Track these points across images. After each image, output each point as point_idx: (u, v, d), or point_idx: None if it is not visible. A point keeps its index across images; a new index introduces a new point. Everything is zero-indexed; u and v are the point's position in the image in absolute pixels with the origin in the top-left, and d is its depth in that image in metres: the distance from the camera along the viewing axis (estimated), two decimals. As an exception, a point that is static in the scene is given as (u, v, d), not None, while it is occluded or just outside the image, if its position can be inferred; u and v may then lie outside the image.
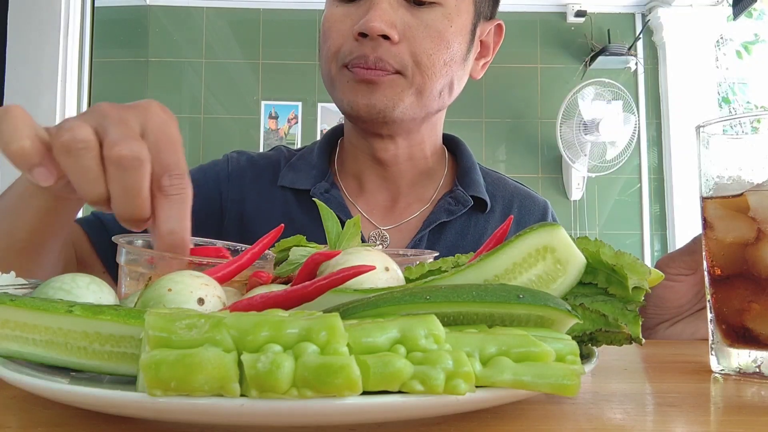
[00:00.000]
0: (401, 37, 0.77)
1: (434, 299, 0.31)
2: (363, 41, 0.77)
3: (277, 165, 0.92)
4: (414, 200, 0.89)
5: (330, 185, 0.88)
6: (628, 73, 3.04)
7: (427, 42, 0.78)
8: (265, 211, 0.87)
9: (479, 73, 0.91)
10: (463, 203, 0.87)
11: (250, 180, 0.91)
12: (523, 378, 0.27)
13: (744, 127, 0.46)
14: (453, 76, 0.83)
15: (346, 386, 0.24)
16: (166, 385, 0.23)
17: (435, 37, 0.79)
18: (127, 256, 0.46)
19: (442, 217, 0.85)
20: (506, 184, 0.96)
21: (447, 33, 0.79)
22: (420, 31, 0.78)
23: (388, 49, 0.77)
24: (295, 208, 0.87)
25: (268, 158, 0.95)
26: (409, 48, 0.78)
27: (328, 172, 0.90)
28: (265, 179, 0.91)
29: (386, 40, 0.76)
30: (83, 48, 2.37)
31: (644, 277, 0.37)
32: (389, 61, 0.77)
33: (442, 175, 0.93)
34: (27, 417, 0.30)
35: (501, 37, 0.91)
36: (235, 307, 0.33)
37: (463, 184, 0.89)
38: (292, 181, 0.88)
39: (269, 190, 0.89)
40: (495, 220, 0.90)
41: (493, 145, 3.03)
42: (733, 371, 0.44)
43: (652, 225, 3.03)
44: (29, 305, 0.30)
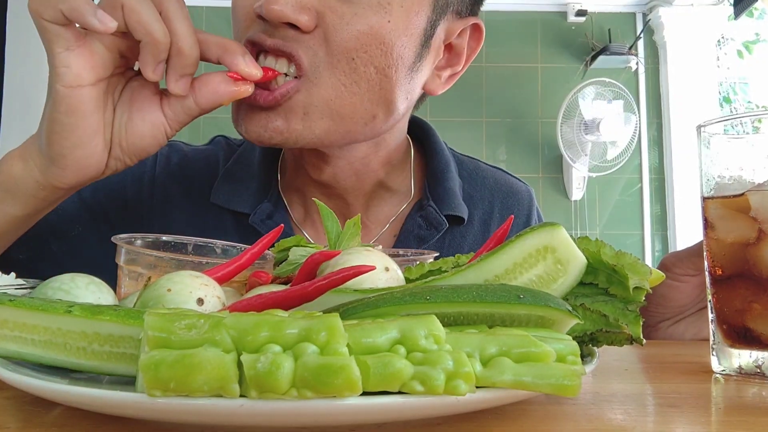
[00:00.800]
0: (317, 23, 0.57)
1: (434, 299, 0.31)
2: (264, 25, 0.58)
3: (215, 166, 0.76)
4: (372, 222, 0.75)
5: (273, 206, 0.72)
6: (629, 72, 3.04)
7: (352, 39, 0.57)
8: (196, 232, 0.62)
9: (440, 87, 0.69)
10: (437, 226, 0.72)
11: (181, 187, 0.75)
12: (524, 378, 0.27)
13: (745, 127, 0.46)
14: (393, 92, 0.61)
15: (346, 387, 0.23)
16: (166, 386, 0.23)
17: (364, 34, 0.57)
18: (126, 256, 0.46)
19: (411, 244, 0.71)
20: (485, 179, 0.81)
21: (382, 30, 0.58)
22: (344, 21, 0.57)
23: (296, 38, 0.57)
24: (232, 233, 0.71)
25: (205, 156, 0.78)
26: (326, 42, 0.57)
27: (272, 185, 0.73)
28: (198, 187, 0.74)
29: (294, 29, 0.57)
30: (83, 48, 2.37)
31: (645, 278, 0.37)
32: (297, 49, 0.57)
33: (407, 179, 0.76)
34: (26, 417, 0.30)
35: (479, 42, 0.69)
36: (234, 308, 0.33)
37: (436, 196, 0.74)
38: (228, 200, 0.72)
39: (202, 204, 0.73)
40: (474, 232, 0.76)
41: (493, 145, 3.02)
42: (734, 372, 0.44)
43: (653, 225, 3.03)
44: (28, 305, 0.30)
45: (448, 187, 0.75)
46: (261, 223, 0.70)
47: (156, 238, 0.50)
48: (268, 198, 0.73)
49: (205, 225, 0.73)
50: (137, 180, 0.75)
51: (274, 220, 0.71)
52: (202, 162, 0.78)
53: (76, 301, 0.32)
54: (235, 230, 0.72)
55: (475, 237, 0.77)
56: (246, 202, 0.72)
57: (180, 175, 0.76)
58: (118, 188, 0.74)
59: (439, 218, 0.73)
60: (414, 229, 0.73)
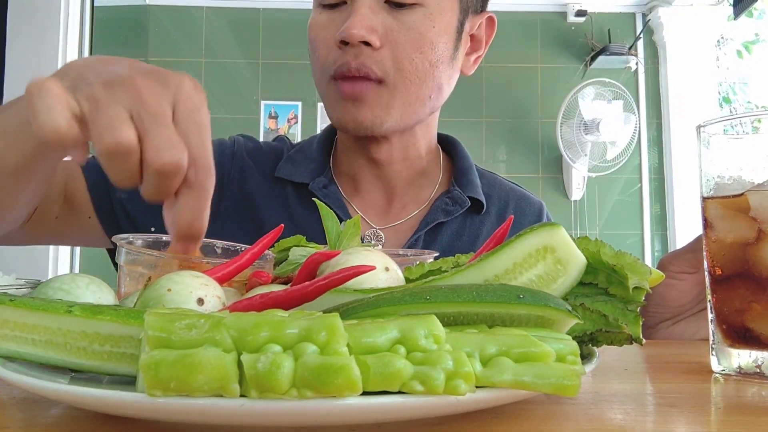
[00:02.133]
0: (383, 42, 0.76)
1: (434, 299, 0.31)
2: (345, 49, 0.76)
3: (281, 155, 0.92)
4: (410, 201, 0.89)
5: (328, 181, 0.87)
6: (629, 72, 3.04)
7: (410, 46, 0.76)
8: (265, 198, 0.86)
9: (471, 68, 0.89)
10: (461, 204, 0.86)
11: (252, 165, 0.90)
12: (524, 378, 0.27)
13: (744, 127, 0.46)
14: (441, 77, 0.81)
15: (346, 386, 0.24)
16: (166, 386, 0.23)
17: (417, 40, 0.77)
18: (127, 256, 0.46)
19: (439, 217, 0.85)
20: (502, 185, 0.96)
21: (430, 34, 0.77)
22: (402, 35, 0.76)
23: (370, 55, 0.75)
24: (293, 201, 0.86)
25: (272, 147, 0.94)
26: (392, 53, 0.76)
27: (327, 167, 0.89)
28: (266, 167, 0.90)
29: (368, 46, 0.75)
30: (83, 48, 2.37)
31: (645, 277, 0.37)
32: (372, 67, 0.76)
33: (438, 175, 0.92)
34: (26, 417, 0.30)
35: (493, 30, 0.89)
36: (234, 307, 0.33)
37: (460, 184, 0.89)
38: (290, 174, 0.87)
39: (269, 180, 0.88)
40: (491, 221, 0.89)
41: (493, 145, 3.02)
42: (734, 371, 0.44)
43: (653, 225, 3.02)
44: (28, 305, 0.30)
45: (471, 179, 0.90)
46: (318, 190, 0.85)
47: (157, 239, 0.50)
48: (324, 174, 0.88)
49: (272, 193, 0.87)
50: (218, 152, 0.87)
51: (329, 189, 0.86)
52: (270, 150, 0.93)
53: (77, 300, 0.32)
54: (296, 197, 0.86)
55: (491, 226, 0.88)
56: (305, 175, 0.87)
57: (253, 155, 0.91)
58: None
59: (462, 197, 0.87)
60: (441, 205, 0.86)
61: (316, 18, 0.80)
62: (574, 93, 2.81)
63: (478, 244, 0.85)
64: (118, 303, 0.39)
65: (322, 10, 0.80)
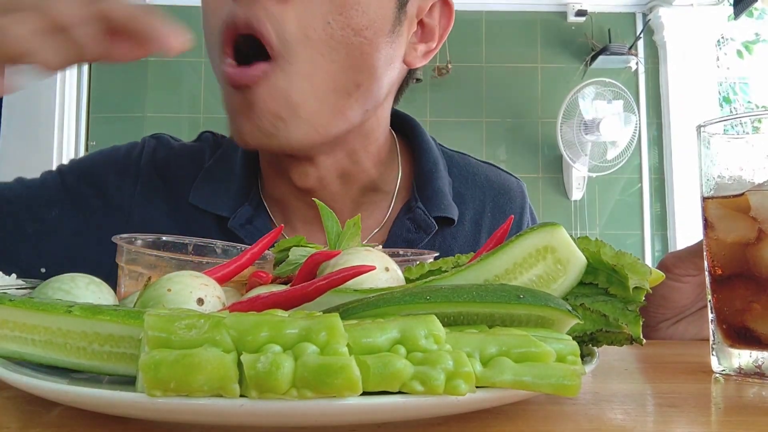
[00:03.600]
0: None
1: (434, 299, 0.31)
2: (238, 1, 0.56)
3: (200, 163, 0.74)
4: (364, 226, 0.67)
5: (254, 210, 0.68)
6: (629, 72, 3.04)
7: (326, 3, 0.55)
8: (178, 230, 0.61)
9: (419, 60, 0.67)
10: (425, 229, 0.69)
11: (164, 184, 0.72)
12: (524, 378, 0.27)
13: (745, 127, 0.46)
14: (375, 56, 0.59)
15: (346, 386, 0.24)
16: (166, 386, 0.23)
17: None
18: (126, 256, 0.46)
19: (399, 244, 0.68)
20: (476, 176, 0.79)
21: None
22: None
23: (266, 8, 0.55)
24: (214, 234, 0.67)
25: (190, 153, 0.75)
26: (298, 12, 0.55)
27: (253, 189, 0.70)
28: (181, 186, 0.71)
29: None
30: (83, 48, 2.37)
31: (645, 278, 0.37)
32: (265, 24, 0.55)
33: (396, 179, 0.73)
34: (26, 417, 0.30)
35: (450, 21, 0.70)
36: (234, 308, 0.33)
37: (424, 197, 0.70)
38: (207, 202, 0.69)
39: (182, 206, 0.70)
40: (465, 233, 0.73)
41: (493, 145, 3.02)
42: (734, 372, 0.44)
43: (653, 225, 3.02)
44: (28, 306, 0.30)
45: (437, 187, 0.71)
46: (240, 228, 0.67)
47: (156, 238, 0.50)
48: (249, 201, 0.69)
49: (185, 225, 0.70)
50: (121, 172, 0.73)
51: (254, 225, 0.68)
52: (187, 158, 0.75)
53: (76, 301, 0.32)
54: (216, 233, 0.68)
55: (466, 238, 0.74)
56: (225, 204, 0.68)
57: (164, 170, 0.73)
58: (101, 178, 0.72)
59: (428, 221, 0.69)
60: (402, 233, 0.69)
61: None
62: (574, 93, 2.81)
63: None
64: (118, 303, 0.39)
65: None
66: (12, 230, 0.69)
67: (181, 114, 2.97)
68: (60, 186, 0.72)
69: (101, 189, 0.72)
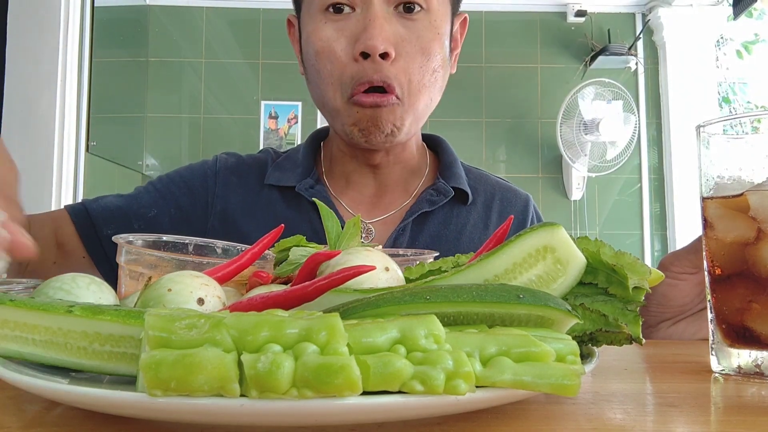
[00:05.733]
0: (396, 53, 0.75)
1: (434, 299, 0.31)
2: (364, 63, 0.75)
3: (264, 165, 0.94)
4: (398, 195, 0.91)
5: (315, 181, 0.89)
6: (629, 72, 3.04)
7: (418, 55, 0.77)
8: (250, 208, 0.89)
9: (454, 66, 0.90)
10: (444, 194, 0.88)
11: (237, 179, 0.92)
12: (524, 378, 0.27)
13: (744, 127, 0.46)
14: (441, 82, 0.83)
15: (346, 386, 0.24)
16: (166, 385, 0.23)
17: (426, 49, 0.77)
18: (127, 255, 0.46)
19: (424, 207, 0.86)
20: (488, 179, 0.97)
21: (434, 42, 0.78)
22: (411, 44, 0.76)
23: (389, 68, 0.75)
24: (279, 204, 0.88)
25: (256, 159, 0.96)
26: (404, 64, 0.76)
27: (314, 170, 0.91)
28: (251, 178, 0.92)
29: (384, 58, 0.75)
30: (83, 48, 2.37)
31: (644, 277, 0.37)
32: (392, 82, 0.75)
33: (425, 170, 0.94)
34: (27, 417, 0.30)
35: (465, 27, 0.91)
36: (235, 307, 0.33)
37: (445, 176, 0.91)
38: (278, 179, 0.90)
39: (255, 189, 0.91)
40: (477, 211, 0.91)
41: (493, 145, 3.02)
42: (734, 371, 0.44)
43: (653, 225, 3.03)
44: (29, 305, 0.30)
45: (455, 171, 0.92)
46: (305, 190, 0.86)
47: (157, 238, 0.50)
48: (311, 176, 0.90)
49: (258, 202, 0.89)
50: (202, 174, 0.92)
51: (316, 189, 0.87)
52: (255, 162, 0.95)
53: (77, 301, 0.32)
54: (282, 200, 0.88)
55: (478, 216, 0.91)
56: (292, 179, 0.89)
57: (237, 170, 0.93)
58: (188, 180, 0.92)
59: (446, 187, 0.88)
60: (426, 196, 0.88)
61: (320, 27, 0.77)
62: (573, 93, 2.81)
63: (465, 232, 0.88)
64: (119, 303, 0.39)
65: (326, 19, 0.77)
66: (122, 228, 0.85)
67: (182, 114, 2.97)
68: (154, 192, 0.91)
69: (189, 188, 0.91)
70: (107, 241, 0.85)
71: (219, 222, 0.88)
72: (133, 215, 0.88)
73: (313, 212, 0.85)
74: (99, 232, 0.85)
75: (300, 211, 0.87)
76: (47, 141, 2.24)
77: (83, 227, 0.85)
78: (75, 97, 2.33)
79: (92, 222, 0.85)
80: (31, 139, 2.21)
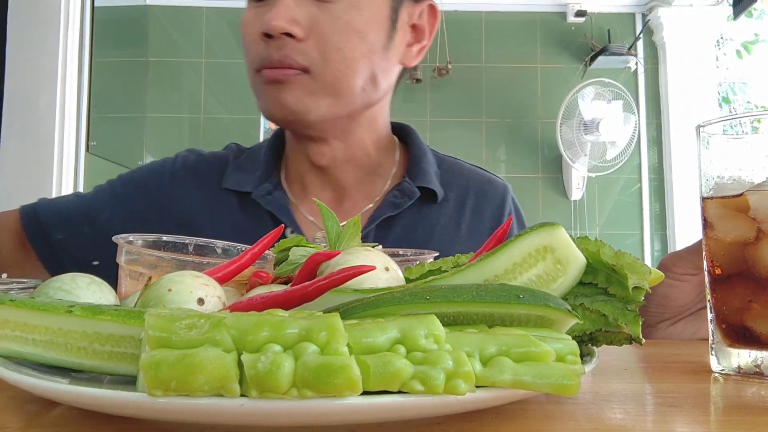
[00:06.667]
0: (308, 33, 0.74)
1: (434, 299, 0.31)
2: (269, 42, 0.75)
3: (226, 164, 0.91)
4: (361, 198, 0.87)
5: (273, 186, 0.85)
6: (629, 72, 3.04)
7: (336, 36, 0.75)
8: (207, 212, 0.86)
9: (413, 59, 0.85)
10: (410, 195, 0.84)
11: (196, 179, 0.89)
12: (523, 378, 0.27)
13: (744, 127, 0.46)
14: (374, 68, 0.79)
15: (346, 386, 0.24)
16: (166, 385, 0.23)
17: (344, 30, 0.75)
18: (127, 255, 0.46)
19: (387, 211, 0.82)
20: (462, 170, 0.93)
21: (357, 23, 0.76)
22: (327, 25, 0.75)
23: (294, 46, 0.74)
24: (236, 211, 0.85)
25: (217, 157, 0.93)
26: (317, 44, 0.75)
27: (273, 174, 0.87)
28: (211, 179, 0.89)
29: (291, 38, 0.74)
30: (83, 48, 2.37)
31: (644, 277, 0.37)
32: (295, 58, 0.74)
33: (392, 168, 0.89)
34: (27, 417, 0.30)
35: (437, 19, 0.86)
36: (235, 307, 0.33)
37: (412, 174, 0.86)
38: (236, 183, 0.86)
39: (213, 191, 0.87)
40: (448, 210, 0.87)
41: (493, 145, 3.02)
42: (733, 371, 0.44)
43: (652, 225, 3.03)
44: (29, 305, 0.30)
45: (422, 167, 0.87)
46: (262, 198, 0.83)
47: (157, 238, 0.50)
48: (269, 181, 0.86)
49: (215, 207, 0.86)
50: (159, 175, 0.90)
51: (273, 195, 0.84)
52: (216, 161, 0.92)
53: (77, 301, 0.32)
54: (240, 207, 0.85)
55: (450, 214, 0.87)
56: (250, 184, 0.85)
57: (195, 171, 0.90)
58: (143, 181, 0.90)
59: (411, 188, 0.84)
60: (390, 199, 0.84)
61: (246, 14, 0.80)
62: (573, 93, 2.81)
63: (435, 234, 0.84)
64: (119, 303, 0.39)
65: (252, 6, 0.79)
66: (73, 232, 0.85)
67: (182, 114, 2.97)
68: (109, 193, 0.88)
69: (145, 191, 0.88)
70: (59, 246, 0.83)
71: (175, 226, 0.84)
72: (84, 219, 0.85)
73: (272, 222, 0.82)
74: (49, 237, 0.83)
75: (259, 219, 0.83)
76: (47, 141, 2.24)
77: (31, 233, 0.83)
78: (75, 97, 2.33)
79: (41, 226, 0.83)
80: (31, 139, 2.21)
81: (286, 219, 0.81)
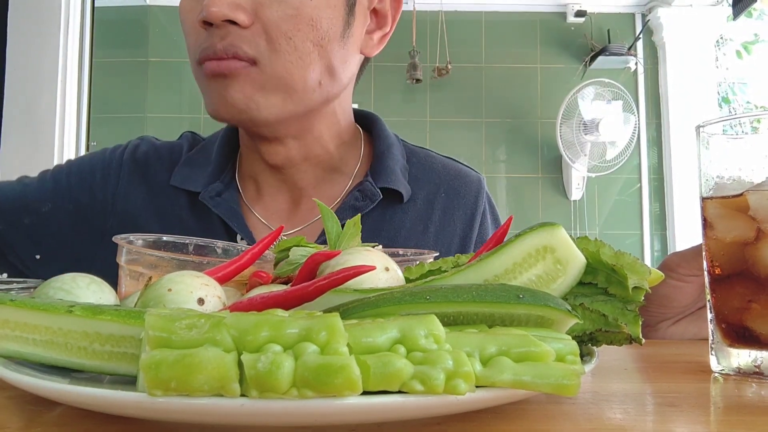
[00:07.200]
0: (253, 20, 0.66)
1: (434, 299, 0.31)
2: (211, 30, 0.67)
3: (178, 157, 0.83)
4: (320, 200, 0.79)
5: (224, 186, 0.78)
6: (628, 73, 3.04)
7: (285, 23, 0.67)
8: (154, 209, 0.79)
9: (375, 48, 0.78)
10: (371, 197, 0.77)
11: (143, 173, 0.81)
12: (523, 378, 0.27)
13: (744, 127, 0.46)
14: (331, 58, 0.71)
15: (346, 386, 0.24)
16: (166, 385, 0.23)
17: (294, 16, 0.67)
18: (127, 255, 0.46)
19: (346, 215, 0.74)
20: (433, 164, 0.86)
21: (307, 9, 0.67)
22: (274, 11, 0.66)
23: (239, 34, 0.66)
24: (185, 211, 0.78)
25: (170, 148, 0.85)
26: (265, 31, 0.67)
27: (225, 171, 0.80)
28: (160, 172, 0.81)
29: (235, 25, 0.66)
30: (83, 48, 2.37)
31: (644, 277, 0.38)
32: (241, 46, 0.66)
33: (355, 164, 0.82)
34: (27, 417, 0.30)
35: (400, 3, 0.78)
36: (235, 307, 0.33)
37: (374, 173, 0.79)
38: (184, 181, 0.79)
39: (161, 186, 0.80)
40: (416, 210, 0.80)
41: (493, 145, 3.03)
42: (733, 371, 0.44)
43: (652, 225, 3.03)
44: (29, 305, 0.30)
45: (387, 165, 0.80)
46: (210, 200, 0.76)
47: (157, 238, 0.50)
48: (221, 179, 0.79)
49: (162, 206, 0.79)
50: (106, 166, 0.82)
51: (223, 197, 0.77)
52: (167, 152, 0.84)
53: (78, 301, 0.32)
54: (188, 208, 0.78)
55: (418, 214, 0.81)
56: (199, 182, 0.78)
57: (144, 163, 0.83)
58: (88, 173, 0.82)
59: (373, 190, 0.77)
60: (351, 202, 0.77)
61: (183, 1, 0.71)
62: (573, 93, 2.81)
63: (401, 237, 0.79)
64: (119, 303, 0.39)
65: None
66: (11, 222, 0.79)
67: (182, 114, 2.97)
68: (52, 183, 0.81)
69: (88, 184, 0.81)
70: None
71: (119, 223, 0.78)
72: (24, 209, 0.79)
73: (222, 227, 0.76)
74: None
75: (208, 222, 0.76)
76: (47, 141, 2.24)
77: None
78: (75, 97, 2.33)
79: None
80: (31, 139, 2.21)
81: (236, 224, 0.75)
